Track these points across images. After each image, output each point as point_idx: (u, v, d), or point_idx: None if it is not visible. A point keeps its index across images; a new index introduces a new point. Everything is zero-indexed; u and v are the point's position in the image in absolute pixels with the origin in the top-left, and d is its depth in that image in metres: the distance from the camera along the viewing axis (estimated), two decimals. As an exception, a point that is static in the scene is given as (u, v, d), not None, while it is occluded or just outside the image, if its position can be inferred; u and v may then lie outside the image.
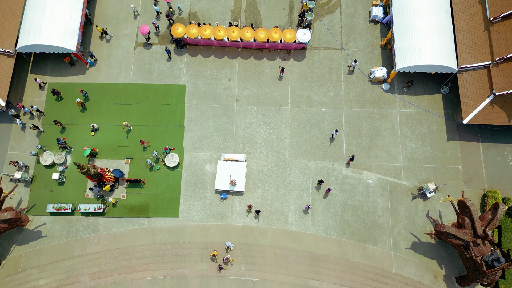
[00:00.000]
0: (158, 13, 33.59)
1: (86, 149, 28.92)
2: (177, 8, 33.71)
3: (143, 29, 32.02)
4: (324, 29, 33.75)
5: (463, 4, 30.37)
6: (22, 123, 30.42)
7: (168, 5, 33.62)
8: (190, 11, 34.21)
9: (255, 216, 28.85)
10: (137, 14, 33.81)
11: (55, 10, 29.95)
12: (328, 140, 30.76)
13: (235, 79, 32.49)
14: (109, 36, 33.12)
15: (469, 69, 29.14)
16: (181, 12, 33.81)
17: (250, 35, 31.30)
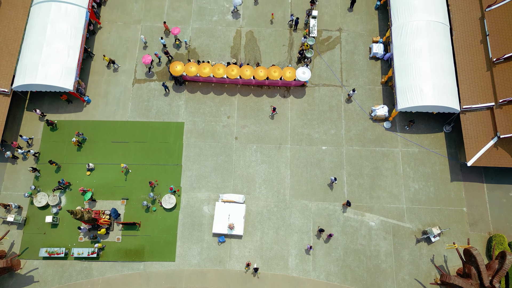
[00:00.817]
0: (164, 45, 33.49)
1: (87, 192, 28.18)
2: (184, 42, 33.61)
3: (146, 59, 31.75)
4: (324, 65, 33.46)
5: (464, 43, 30.13)
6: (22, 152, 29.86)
7: (175, 38, 33.51)
8: (189, 47, 33.98)
9: (253, 274, 27.87)
10: (146, 45, 33.72)
11: (53, 48, 29.68)
12: (329, 181, 30.07)
13: (234, 117, 32.02)
14: (116, 66, 32.93)
15: (472, 110, 28.69)
16: (188, 46, 33.66)
17: (249, 73, 30.97)
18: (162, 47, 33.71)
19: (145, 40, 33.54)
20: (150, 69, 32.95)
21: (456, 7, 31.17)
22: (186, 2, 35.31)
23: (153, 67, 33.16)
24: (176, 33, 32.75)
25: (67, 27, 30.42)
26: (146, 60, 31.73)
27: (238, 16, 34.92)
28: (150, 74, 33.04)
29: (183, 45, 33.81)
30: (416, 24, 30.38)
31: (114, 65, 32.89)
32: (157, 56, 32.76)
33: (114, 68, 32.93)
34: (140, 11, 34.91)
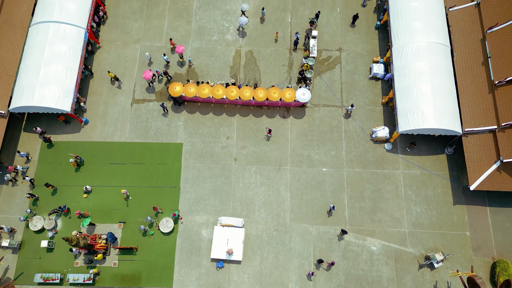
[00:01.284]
0: (168, 62, 33.37)
1: (85, 218, 27.63)
2: (188, 61, 33.48)
3: (146, 74, 31.52)
4: (324, 86, 33.20)
5: (465, 65, 29.90)
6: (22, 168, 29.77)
7: (179, 56, 33.42)
8: (189, 67, 33.77)
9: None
10: (151, 62, 33.61)
11: (50, 70, 29.43)
12: (330, 203, 29.60)
13: (234, 137, 31.66)
14: (120, 82, 32.84)
15: (474, 133, 28.34)
16: (192, 65, 33.50)
17: (249, 94, 30.68)
18: (165, 64, 33.64)
19: (150, 57, 33.46)
20: (151, 84, 32.81)
21: (456, 28, 31.02)
22: (186, 22, 35.20)
23: (154, 82, 33.04)
24: (180, 51, 32.61)
25: (65, 48, 30.21)
26: (147, 75, 31.52)
27: (237, 36, 34.79)
28: (149, 94, 32.78)
29: (186, 64, 33.66)
30: (417, 45, 30.19)
31: (118, 81, 32.76)
32: (158, 73, 32.54)
33: (117, 85, 32.82)
34: (140, 31, 34.78)
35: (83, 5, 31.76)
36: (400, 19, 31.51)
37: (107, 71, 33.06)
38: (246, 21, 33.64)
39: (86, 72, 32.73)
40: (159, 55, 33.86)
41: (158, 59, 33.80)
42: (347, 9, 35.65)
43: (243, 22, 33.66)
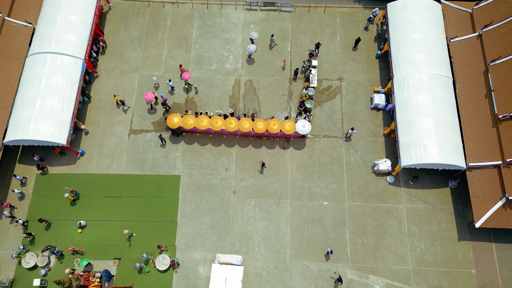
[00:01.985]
0: (172, 88, 33.15)
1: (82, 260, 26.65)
2: (194, 87, 33.17)
3: (148, 96, 31.16)
4: (325, 116, 32.71)
5: (468, 97, 29.44)
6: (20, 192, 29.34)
7: (185, 82, 33.07)
8: (188, 97, 33.35)
9: None
10: (158, 86, 33.43)
11: (47, 102, 28.93)
12: (331, 240, 28.78)
13: (232, 169, 31.01)
14: (126, 107, 32.53)
15: (479, 167, 27.69)
16: (197, 91, 33.21)
17: (248, 126, 30.15)
18: (169, 89, 33.36)
19: (156, 81, 33.24)
20: (152, 106, 32.50)
21: (458, 59, 30.66)
22: (185, 51, 34.93)
23: (157, 104, 32.83)
24: (186, 78, 32.31)
25: (62, 80, 29.79)
26: (149, 97, 31.21)
27: (237, 65, 34.46)
28: (147, 124, 32.25)
29: (192, 90, 33.37)
30: (419, 77, 29.77)
31: (124, 106, 32.47)
32: (163, 98, 32.10)
33: (123, 110, 32.56)
34: (138, 59, 34.47)
35: (81, 36, 31.50)
36: (401, 50, 31.19)
37: (113, 94, 32.87)
38: (255, 48, 33.44)
39: (85, 99, 32.39)
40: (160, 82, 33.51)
41: (164, 84, 33.47)
42: (347, 38, 35.41)
43: (252, 50, 33.44)
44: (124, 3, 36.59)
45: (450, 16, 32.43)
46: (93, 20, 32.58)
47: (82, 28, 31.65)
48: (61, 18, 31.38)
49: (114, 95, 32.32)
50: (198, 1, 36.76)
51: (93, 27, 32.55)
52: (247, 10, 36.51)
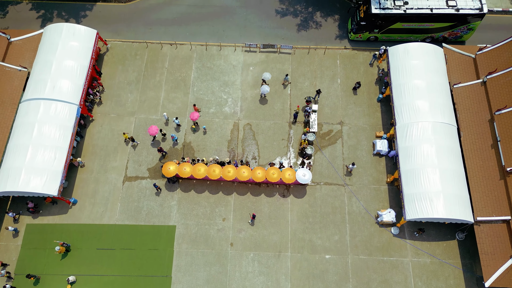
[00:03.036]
0: (178, 125, 32.64)
1: None
2: (203, 128, 32.64)
3: (152, 129, 30.55)
4: (326, 162, 31.74)
5: (474, 146, 28.54)
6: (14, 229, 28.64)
7: (193, 122, 32.55)
8: (185, 141, 32.47)
9: None
10: (167, 121, 32.98)
11: (38, 152, 28.02)
12: (333, 297, 27.38)
13: (230, 219, 29.82)
14: (135, 143, 31.97)
15: (487, 222, 26.51)
16: (205, 133, 32.58)
17: (247, 175, 29.15)
18: (175, 127, 32.81)
19: (167, 117, 32.76)
20: (154, 139, 32.11)
21: (462, 106, 29.93)
22: (183, 93, 34.28)
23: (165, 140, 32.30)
24: (195, 118, 31.64)
25: (55, 127, 28.97)
26: (152, 131, 30.60)
27: (236, 108, 33.75)
28: (142, 171, 31.25)
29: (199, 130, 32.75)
30: (422, 125, 28.95)
31: (133, 142, 31.95)
32: (173, 138, 31.56)
33: (132, 146, 32.00)
34: (135, 102, 33.77)
35: (77, 81, 30.88)
36: (403, 96, 30.50)
37: (122, 132, 32.33)
38: (268, 89, 32.87)
39: (78, 138, 31.67)
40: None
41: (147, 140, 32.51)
42: (348, 80, 34.83)
43: (265, 91, 32.89)
44: (122, 44, 36.20)
45: (452, 61, 31.90)
46: (90, 64, 32.04)
47: (78, 73, 31.05)
48: (56, 63, 30.83)
49: (124, 133, 31.80)
50: (197, 42, 36.39)
51: (89, 71, 31.99)
52: (246, 52, 36.07)
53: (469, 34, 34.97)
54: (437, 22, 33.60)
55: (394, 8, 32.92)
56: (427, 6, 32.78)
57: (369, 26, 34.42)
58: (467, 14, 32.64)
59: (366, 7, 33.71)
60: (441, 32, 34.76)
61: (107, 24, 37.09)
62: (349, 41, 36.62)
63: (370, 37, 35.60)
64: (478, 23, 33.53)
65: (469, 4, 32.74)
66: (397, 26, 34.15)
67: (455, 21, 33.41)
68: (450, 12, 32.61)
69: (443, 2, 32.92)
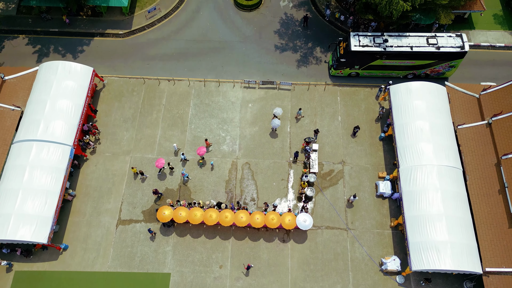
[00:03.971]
0: (185, 160, 31.94)
1: None
2: (211, 164, 31.87)
3: (159, 162, 29.97)
4: (327, 204, 30.64)
5: (480, 191, 27.53)
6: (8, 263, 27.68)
7: (200, 157, 31.81)
8: (181, 182, 31.44)
9: None
10: (177, 151, 32.40)
11: (29, 197, 27.00)
12: None
13: (227, 266, 28.53)
14: (145, 176, 31.15)
15: (496, 273, 25.25)
16: (212, 168, 31.87)
17: (245, 220, 28.04)
18: (181, 161, 32.08)
19: (177, 148, 32.17)
20: (160, 171, 31.48)
21: (468, 148, 29.05)
22: (180, 131, 33.45)
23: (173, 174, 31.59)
24: (201, 153, 30.94)
25: (47, 170, 27.99)
26: (159, 164, 30.06)
27: (234, 146, 32.87)
28: (137, 214, 30.12)
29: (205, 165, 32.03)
30: (426, 169, 27.96)
31: (142, 175, 31.27)
32: (183, 175, 30.85)
33: (141, 180, 31.29)
34: (131, 141, 32.90)
35: (71, 121, 30.06)
36: (405, 137, 29.64)
37: (131, 167, 31.56)
38: (278, 123, 32.20)
39: (72, 170, 30.78)
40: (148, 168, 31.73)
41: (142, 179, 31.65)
42: (349, 117, 34.06)
43: (276, 125, 32.25)
44: (118, 80, 35.60)
45: (456, 100, 31.21)
46: (85, 103, 31.32)
47: (72, 113, 30.29)
48: (50, 102, 30.12)
49: (132, 167, 31.07)
50: (195, 78, 35.80)
51: (84, 110, 31.26)
52: (245, 88, 35.44)
53: (452, 71, 34.44)
54: (418, 60, 33.14)
55: (374, 46, 32.50)
56: (407, 44, 32.35)
57: (349, 63, 33.92)
58: (448, 53, 32.20)
59: (345, 44, 33.27)
60: (423, 69, 34.26)
61: (104, 59, 36.60)
62: (330, 76, 36.03)
63: (351, 73, 35.06)
64: (460, 61, 33.05)
65: (450, 42, 32.33)
66: (378, 63, 33.63)
67: (436, 59, 32.95)
68: (431, 51, 32.16)
69: (423, 40, 32.54)
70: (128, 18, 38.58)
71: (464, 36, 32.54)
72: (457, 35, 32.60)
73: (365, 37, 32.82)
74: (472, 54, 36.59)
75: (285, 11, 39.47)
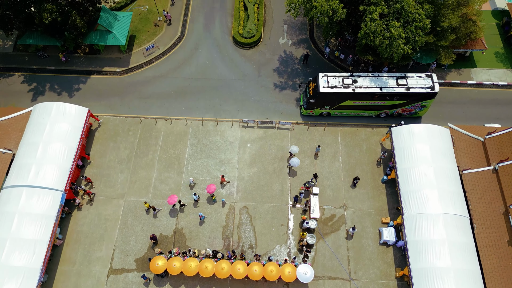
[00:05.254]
0: (196, 201, 31.11)
1: None
2: (222, 201, 31.12)
3: (172, 199, 29.33)
4: (329, 252, 29.31)
5: (489, 241, 26.28)
6: None
7: (210, 195, 30.98)
8: (176, 227, 30.21)
9: None
10: (193, 185, 31.68)
11: (16, 247, 25.77)
12: None
13: (224, 320, 27.04)
14: (157, 210, 30.37)
15: (510, 333, 23.78)
16: (225, 204, 31.08)
17: (242, 272, 26.66)
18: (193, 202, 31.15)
19: (193, 182, 31.46)
20: (174, 206, 30.93)
21: (474, 195, 27.97)
22: (176, 173, 32.47)
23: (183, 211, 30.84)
24: (212, 191, 30.14)
25: (36, 218, 26.85)
26: (172, 200, 29.44)
27: (232, 189, 31.78)
28: (129, 263, 28.73)
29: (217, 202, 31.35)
30: (432, 217, 26.78)
31: (155, 211, 30.43)
32: (201, 217, 30.11)
33: (154, 215, 30.53)
34: (125, 183, 31.86)
35: (64, 165, 29.10)
36: (409, 182, 28.61)
37: (144, 202, 30.58)
38: (298, 162, 31.30)
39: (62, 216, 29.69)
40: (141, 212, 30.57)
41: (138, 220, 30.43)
42: (350, 159, 33.12)
43: (295, 164, 31.30)
44: (114, 119, 34.89)
45: (460, 143, 30.34)
46: (79, 145, 30.45)
47: (65, 156, 29.38)
48: (43, 145, 29.28)
49: (145, 202, 30.24)
50: (193, 117, 35.10)
51: (78, 152, 30.38)
52: (244, 128, 34.69)
53: (424, 110, 33.82)
54: (389, 100, 32.57)
55: (343, 87, 32.01)
56: (377, 85, 31.88)
57: (319, 103, 33.37)
58: (418, 93, 31.66)
59: (314, 85, 32.77)
60: (394, 109, 33.65)
61: (101, 97, 36.02)
62: (301, 115, 35.36)
63: (323, 112, 34.43)
64: (432, 101, 32.46)
65: (420, 83, 31.86)
66: (348, 103, 33.06)
67: (407, 100, 32.36)
68: (400, 91, 31.62)
69: (393, 81, 32.08)
70: (126, 55, 38.25)
71: (434, 76, 32.14)
72: (427, 75, 32.23)
73: (334, 78, 32.41)
74: (475, 93, 36.08)
75: (284, 48, 39.21)
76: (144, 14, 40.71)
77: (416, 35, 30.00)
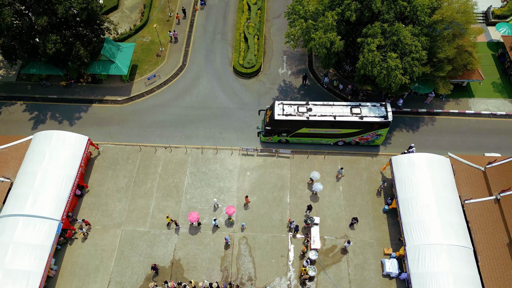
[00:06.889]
0: (216, 226, 30.99)
1: None
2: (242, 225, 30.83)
3: (192, 216, 29.36)
4: (330, 284, 28.49)
5: (493, 275, 25.56)
6: None
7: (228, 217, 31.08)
8: (174, 258, 29.54)
9: None
10: (217, 207, 31.76)
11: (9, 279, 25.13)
12: None
13: None
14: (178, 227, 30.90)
15: None
16: (245, 228, 30.87)
17: (241, 305, 25.88)
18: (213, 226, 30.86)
19: (216, 202, 31.59)
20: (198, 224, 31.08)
21: (477, 225, 27.51)
22: (175, 201, 32.12)
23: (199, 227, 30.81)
24: (231, 213, 29.89)
25: (31, 248, 26.37)
26: (193, 218, 29.46)
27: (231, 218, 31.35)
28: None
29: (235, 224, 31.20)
30: (435, 249, 26.24)
31: (177, 226, 30.81)
32: (226, 240, 30.00)
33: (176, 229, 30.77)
34: (123, 212, 31.45)
35: (61, 194, 28.91)
36: (411, 212, 28.24)
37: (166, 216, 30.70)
38: (321, 187, 31.07)
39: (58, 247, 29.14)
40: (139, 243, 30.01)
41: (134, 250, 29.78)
42: (350, 188, 32.84)
43: (318, 189, 31.06)
44: (114, 148, 34.91)
45: (461, 173, 30.16)
46: (77, 173, 30.34)
47: (63, 185, 29.20)
48: (41, 174, 29.16)
49: (167, 215, 30.24)
50: (193, 145, 35.13)
51: (76, 180, 30.20)
52: (244, 156, 34.64)
53: (380, 139, 33.93)
54: (344, 128, 32.79)
55: (297, 115, 32.35)
56: (331, 113, 32.14)
57: (275, 131, 33.62)
58: (372, 122, 31.88)
59: (271, 112, 33.10)
60: (351, 137, 33.80)
61: (101, 125, 36.20)
62: (261, 142, 35.45)
63: (281, 139, 34.56)
64: (386, 129, 32.65)
65: (373, 112, 32.14)
66: (304, 131, 33.31)
67: (361, 128, 32.57)
68: (354, 120, 31.88)
69: (347, 109, 32.38)
70: (128, 84, 38.80)
71: (388, 106, 32.43)
72: (381, 104, 32.56)
73: (289, 106, 32.86)
74: (474, 122, 36.27)
75: (284, 78, 39.81)
76: (147, 45, 41.63)
77: (413, 66, 30.50)
